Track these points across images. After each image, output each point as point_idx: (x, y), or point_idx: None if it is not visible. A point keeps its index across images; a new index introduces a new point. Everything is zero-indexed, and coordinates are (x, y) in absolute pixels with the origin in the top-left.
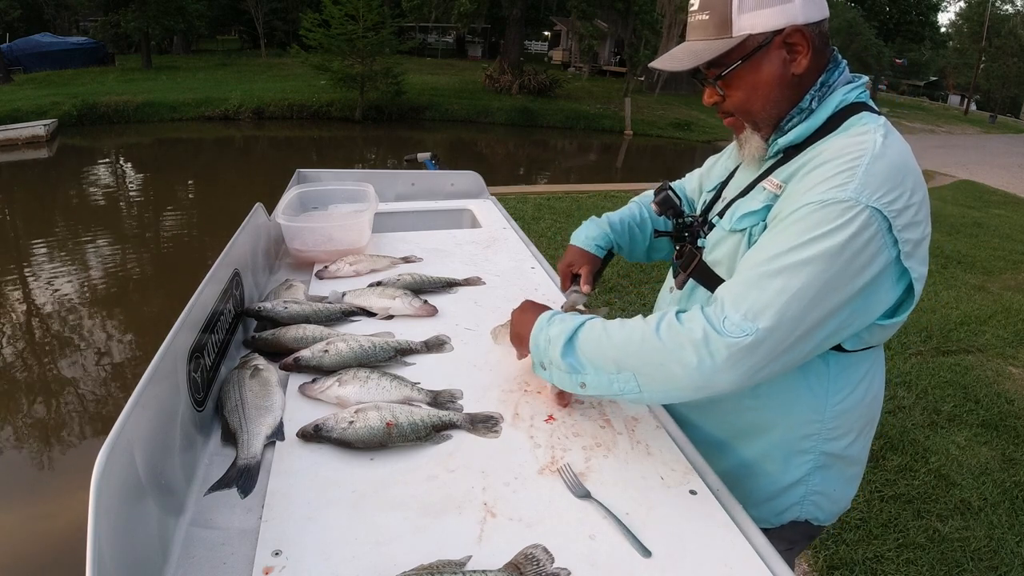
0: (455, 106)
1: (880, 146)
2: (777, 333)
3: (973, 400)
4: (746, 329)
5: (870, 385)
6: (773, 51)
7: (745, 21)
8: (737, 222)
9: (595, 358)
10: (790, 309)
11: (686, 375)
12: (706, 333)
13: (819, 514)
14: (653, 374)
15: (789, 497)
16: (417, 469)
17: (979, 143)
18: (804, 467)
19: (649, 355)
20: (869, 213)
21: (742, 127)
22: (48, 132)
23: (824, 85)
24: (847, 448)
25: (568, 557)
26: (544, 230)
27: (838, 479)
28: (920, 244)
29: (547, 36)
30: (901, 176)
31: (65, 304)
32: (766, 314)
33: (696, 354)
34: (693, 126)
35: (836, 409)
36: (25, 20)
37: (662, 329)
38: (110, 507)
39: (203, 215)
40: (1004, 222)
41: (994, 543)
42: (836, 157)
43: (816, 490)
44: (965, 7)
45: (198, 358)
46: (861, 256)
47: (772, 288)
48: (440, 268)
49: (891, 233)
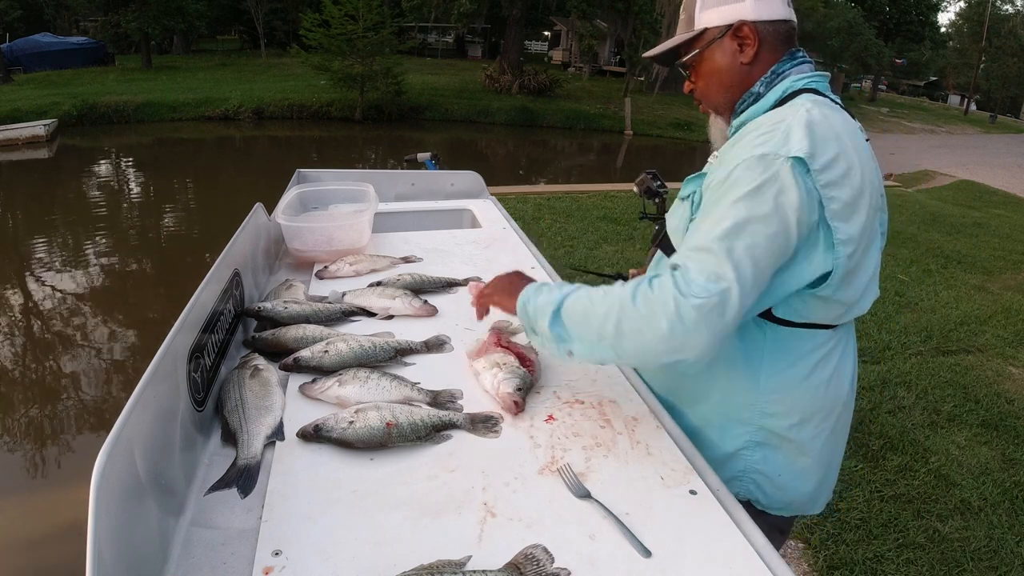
0: (455, 106)
1: (804, 112)
2: (737, 290)
3: (973, 400)
4: (711, 290)
5: (817, 369)
6: (725, 42)
7: (704, 16)
8: (683, 190)
9: (580, 327)
10: (743, 266)
11: (660, 340)
12: (675, 298)
13: (760, 496)
14: (631, 341)
15: (728, 468)
16: (417, 469)
17: (979, 143)
18: (742, 438)
19: (627, 323)
20: (791, 164)
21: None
22: (48, 132)
23: (774, 73)
24: (791, 430)
25: (568, 557)
26: (544, 230)
27: (783, 464)
28: (853, 207)
29: (547, 36)
30: (822, 137)
31: (65, 304)
32: (725, 274)
33: (667, 319)
34: (693, 126)
35: (771, 382)
36: (25, 20)
37: (638, 297)
38: (110, 507)
39: (203, 215)
40: (1004, 222)
41: (994, 543)
42: (760, 123)
43: (756, 468)
44: (965, 7)
45: (198, 358)
46: (792, 206)
47: (723, 249)
48: (440, 268)
49: (816, 189)
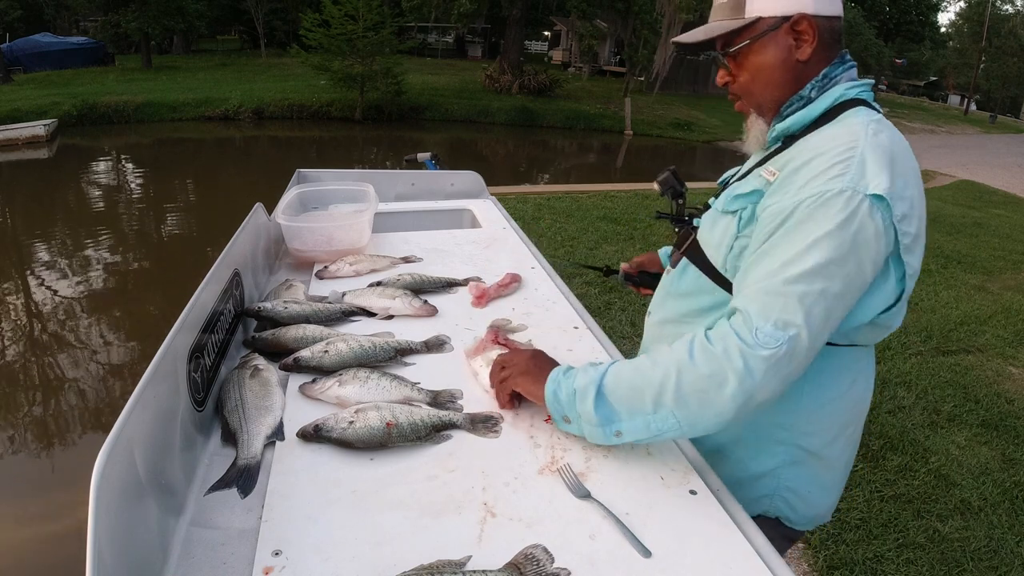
0: (455, 106)
1: (872, 135)
2: (807, 335)
3: (973, 400)
4: (779, 338)
5: (853, 385)
6: (780, 35)
7: (757, 5)
8: (729, 203)
9: (630, 402)
10: (815, 312)
11: (729, 397)
12: (742, 351)
13: (791, 514)
14: (694, 405)
15: (759, 488)
16: (417, 469)
17: (979, 143)
18: (777, 458)
19: (689, 385)
20: (870, 202)
21: (747, 110)
22: (48, 132)
23: (826, 77)
24: (825, 447)
25: (568, 557)
26: (544, 230)
27: (813, 481)
28: (917, 238)
29: (547, 36)
30: (899, 170)
31: (65, 304)
32: (795, 320)
33: (735, 375)
34: (693, 126)
35: (814, 403)
36: (25, 20)
37: (696, 355)
38: (110, 507)
39: (203, 215)
40: (1004, 222)
41: (994, 543)
42: (829, 148)
43: (788, 486)
44: (965, 7)
45: (198, 358)
46: (870, 247)
47: (795, 294)
48: (440, 268)
49: (892, 222)
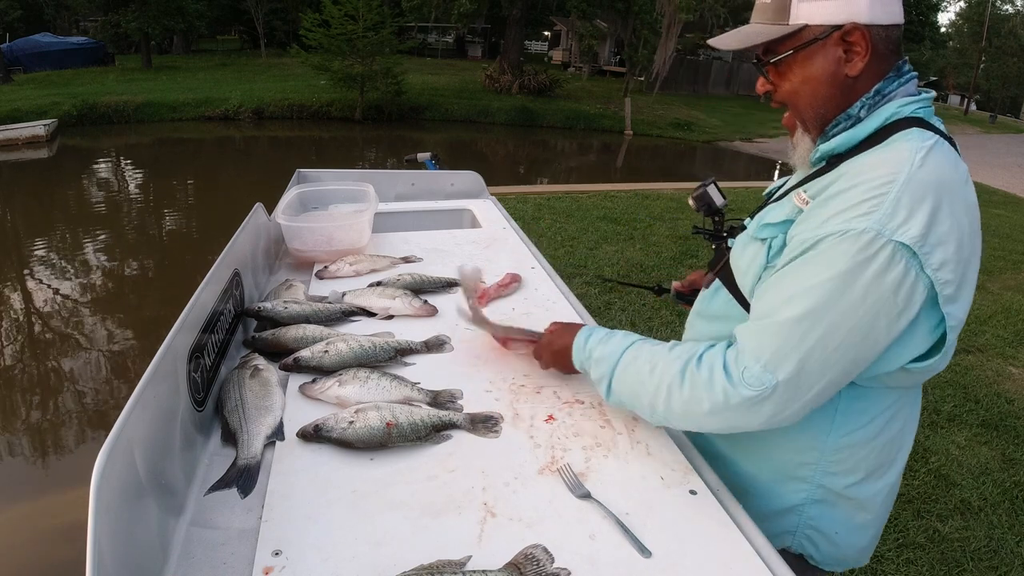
0: (455, 106)
1: (916, 168)
2: (797, 383)
3: (973, 400)
4: (764, 381)
5: (888, 425)
6: (829, 47)
7: (804, 10)
8: (759, 230)
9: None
10: (811, 359)
11: (705, 419)
12: (724, 387)
13: (814, 552)
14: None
15: (781, 523)
16: (417, 469)
17: (979, 143)
18: (799, 495)
19: (675, 403)
20: (893, 248)
21: (794, 125)
22: (48, 132)
23: (879, 94)
24: (851, 488)
25: (568, 557)
26: (544, 230)
27: (841, 521)
28: (963, 285)
29: (547, 36)
30: (938, 204)
31: (65, 304)
32: (785, 365)
33: (711, 404)
34: (693, 126)
35: (840, 442)
36: (25, 20)
37: (686, 379)
38: (110, 507)
39: (203, 215)
40: (1004, 222)
41: (994, 543)
42: (866, 179)
43: (812, 524)
44: (965, 7)
45: (198, 358)
46: (885, 298)
47: (793, 337)
48: (440, 268)
49: (923, 272)
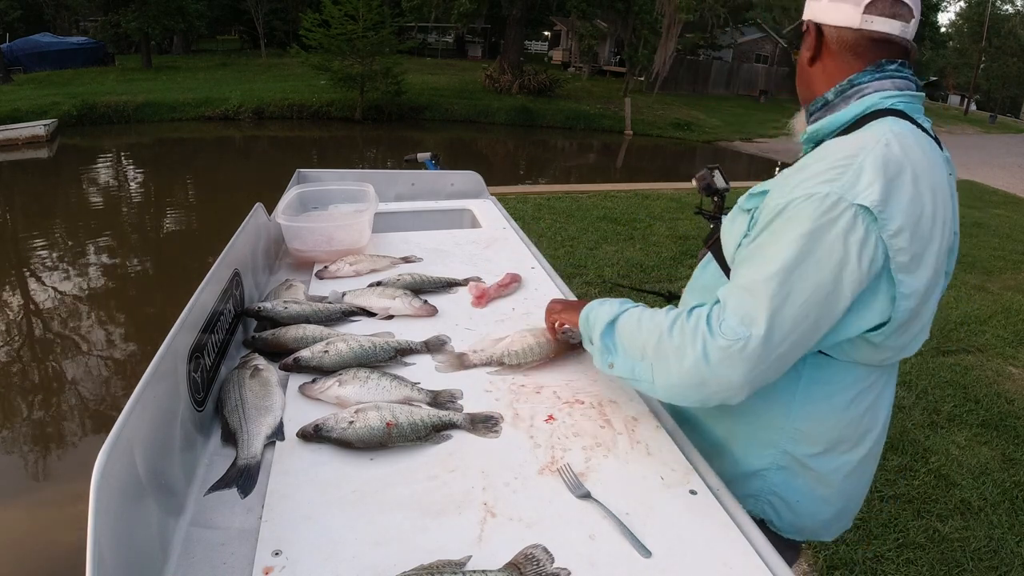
0: (455, 106)
1: (883, 146)
2: (771, 338)
3: (973, 400)
4: (740, 334)
5: (853, 403)
6: (808, 37)
7: (808, 9)
8: (745, 201)
9: (626, 344)
10: (782, 315)
11: (683, 373)
12: (704, 336)
13: (775, 519)
14: (662, 368)
15: (747, 486)
16: (417, 469)
17: (979, 143)
18: (765, 459)
19: (662, 350)
20: (855, 211)
21: None
22: (48, 132)
23: (852, 84)
24: (813, 459)
25: (568, 557)
26: (544, 230)
27: (803, 491)
28: (920, 260)
29: (547, 36)
30: (900, 177)
31: (65, 304)
32: (759, 320)
33: (693, 355)
34: (693, 126)
35: (805, 410)
36: (25, 20)
37: (675, 327)
38: (110, 507)
39: (203, 215)
40: (1004, 222)
41: (994, 543)
42: (834, 152)
43: (775, 491)
44: (965, 7)
45: (198, 358)
46: (850, 258)
47: (765, 294)
48: (440, 268)
49: (881, 237)
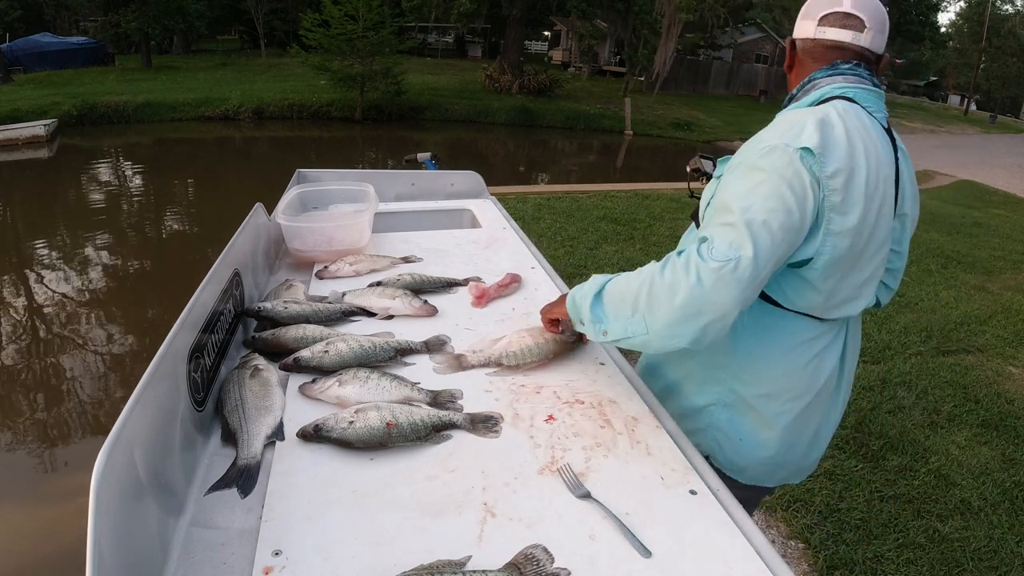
0: (455, 106)
1: (826, 115)
2: (753, 255)
3: (973, 400)
4: (730, 255)
5: (795, 352)
6: (788, 52)
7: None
8: (717, 170)
9: (615, 306)
10: (762, 238)
11: (681, 303)
12: (696, 264)
13: (718, 454)
14: (657, 310)
15: (696, 421)
16: (417, 469)
17: (979, 143)
18: (713, 395)
19: (654, 292)
20: (800, 153)
21: None
22: (48, 132)
23: (810, 80)
24: (758, 400)
25: (568, 557)
26: (544, 230)
27: (746, 430)
28: (851, 203)
29: (547, 36)
30: (832, 134)
31: (65, 304)
32: (746, 245)
33: (688, 282)
34: (693, 126)
35: (749, 352)
36: (25, 20)
37: (666, 267)
38: (110, 507)
39: (203, 215)
40: (1004, 222)
41: (994, 543)
42: (786, 121)
43: (720, 427)
44: (965, 7)
45: (198, 358)
46: (804, 192)
47: (744, 223)
48: (440, 268)
49: (818, 178)
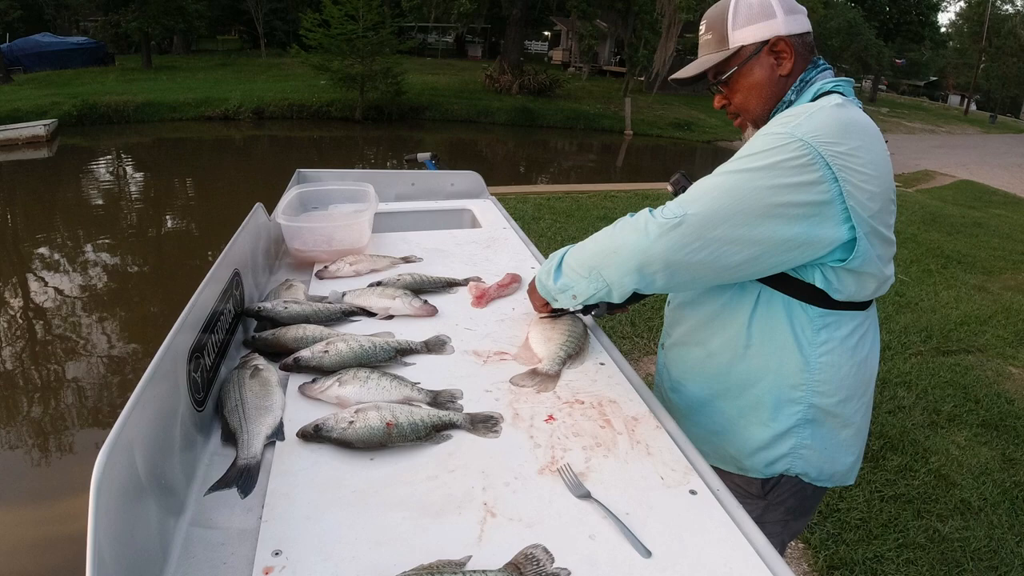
0: (455, 106)
1: (831, 107)
2: (703, 219)
3: (973, 400)
4: (676, 212)
5: (859, 346)
6: (762, 57)
7: (738, 35)
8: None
9: (576, 269)
10: (718, 202)
11: (628, 254)
12: (646, 219)
13: (809, 470)
14: (611, 263)
15: (779, 447)
16: (417, 469)
17: (979, 143)
18: (794, 417)
19: (608, 246)
20: (802, 145)
21: (746, 125)
22: (48, 132)
23: (803, 81)
24: (839, 405)
25: (568, 557)
26: (544, 230)
27: (830, 438)
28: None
29: (547, 36)
30: (845, 130)
31: (65, 304)
32: (697, 203)
33: (635, 234)
34: (693, 126)
35: (822, 361)
36: (25, 20)
37: (621, 222)
38: (110, 507)
39: (203, 215)
40: (1004, 222)
41: (994, 543)
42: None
43: (806, 443)
44: (965, 7)
45: (198, 358)
46: (792, 175)
47: (706, 185)
48: (440, 268)
49: (829, 168)
